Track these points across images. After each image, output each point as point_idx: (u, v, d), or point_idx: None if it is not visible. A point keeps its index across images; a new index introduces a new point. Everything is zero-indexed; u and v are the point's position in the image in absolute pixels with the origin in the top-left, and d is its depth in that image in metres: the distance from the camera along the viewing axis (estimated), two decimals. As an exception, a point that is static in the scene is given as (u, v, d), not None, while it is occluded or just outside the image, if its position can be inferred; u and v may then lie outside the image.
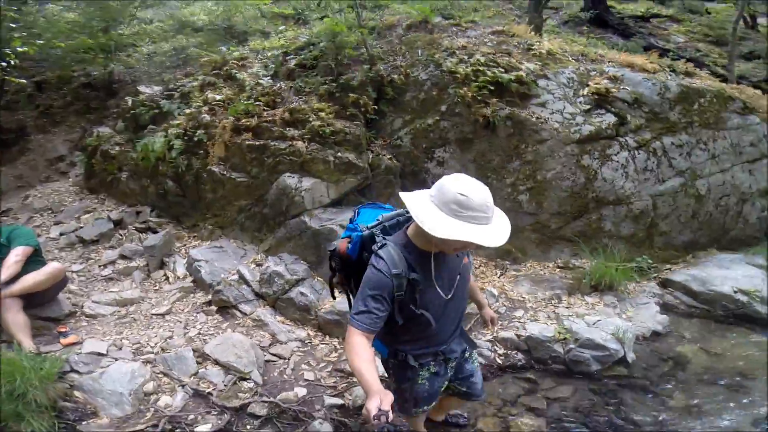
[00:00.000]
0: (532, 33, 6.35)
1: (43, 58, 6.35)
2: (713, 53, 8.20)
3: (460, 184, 1.70)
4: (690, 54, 8.12)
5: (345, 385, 3.52)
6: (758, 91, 6.11)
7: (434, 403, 2.38)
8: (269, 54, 6.26)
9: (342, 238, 2.22)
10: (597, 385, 3.64)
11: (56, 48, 6.34)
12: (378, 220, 2.10)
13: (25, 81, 6.20)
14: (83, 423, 2.98)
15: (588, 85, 5.31)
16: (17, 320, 3.40)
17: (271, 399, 3.28)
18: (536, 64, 5.41)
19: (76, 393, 3.13)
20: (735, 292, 4.51)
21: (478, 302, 2.63)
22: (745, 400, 3.45)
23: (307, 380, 3.55)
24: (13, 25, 5.60)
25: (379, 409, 1.55)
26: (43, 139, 7.04)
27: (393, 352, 2.17)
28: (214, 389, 3.31)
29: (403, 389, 2.23)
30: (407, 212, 2.01)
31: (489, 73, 5.08)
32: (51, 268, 3.80)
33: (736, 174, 5.55)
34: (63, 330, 3.77)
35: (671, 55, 7.62)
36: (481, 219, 1.67)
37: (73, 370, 3.28)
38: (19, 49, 5.03)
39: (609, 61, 5.83)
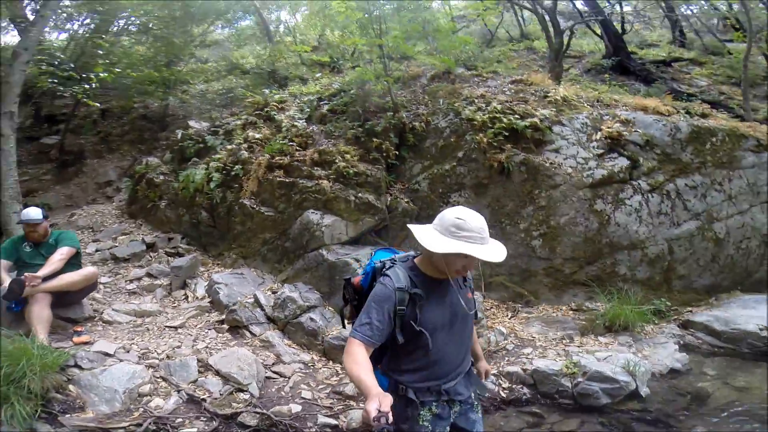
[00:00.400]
0: (550, 81, 6.51)
1: (112, 87, 6.79)
2: (737, 95, 7.70)
3: (458, 211, 1.92)
4: (714, 97, 7.77)
5: (341, 407, 3.51)
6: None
7: None
8: (305, 98, 6.77)
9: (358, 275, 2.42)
10: (607, 419, 3.49)
11: (128, 78, 6.84)
12: (391, 257, 2.28)
13: (98, 105, 6.75)
14: (66, 416, 2.94)
15: (601, 130, 5.35)
16: (42, 314, 3.61)
17: (264, 411, 3.29)
18: (551, 110, 5.53)
19: (71, 387, 3.16)
20: (761, 329, 4.31)
21: (476, 354, 2.53)
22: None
23: (303, 398, 3.56)
24: (100, 52, 6.16)
25: (379, 411, 1.55)
26: (97, 164, 7.71)
27: (393, 384, 2.12)
28: (209, 397, 3.36)
29: (402, 430, 2.11)
30: (416, 254, 2.20)
31: (505, 119, 5.25)
32: (87, 270, 4.11)
33: (755, 216, 5.32)
34: (78, 329, 3.97)
35: (689, 97, 7.38)
36: (477, 239, 1.87)
37: (76, 365, 3.36)
38: (101, 75, 5.56)
39: (623, 105, 5.87)
